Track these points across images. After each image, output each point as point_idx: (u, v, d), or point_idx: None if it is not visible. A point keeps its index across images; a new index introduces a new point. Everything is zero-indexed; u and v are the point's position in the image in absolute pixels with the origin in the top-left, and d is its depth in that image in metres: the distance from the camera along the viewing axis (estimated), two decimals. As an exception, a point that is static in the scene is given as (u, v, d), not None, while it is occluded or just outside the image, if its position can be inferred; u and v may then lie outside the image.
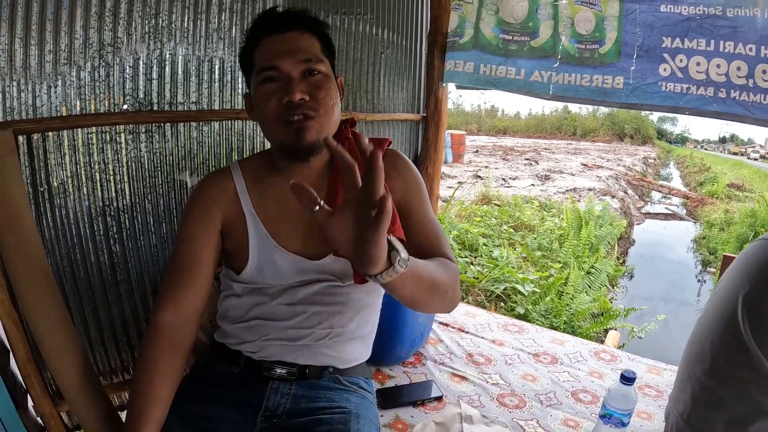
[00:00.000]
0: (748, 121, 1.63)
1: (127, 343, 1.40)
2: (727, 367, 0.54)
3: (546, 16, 1.91)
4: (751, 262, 0.54)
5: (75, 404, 1.14)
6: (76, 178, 1.22)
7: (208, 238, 0.99)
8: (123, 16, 1.22)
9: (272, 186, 1.00)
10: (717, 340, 0.55)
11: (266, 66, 0.90)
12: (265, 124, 0.95)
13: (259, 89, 0.92)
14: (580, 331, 3.16)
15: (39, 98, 1.14)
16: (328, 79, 0.94)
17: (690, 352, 0.60)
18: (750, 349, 0.51)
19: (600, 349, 1.74)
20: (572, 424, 1.31)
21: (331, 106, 0.93)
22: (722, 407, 0.54)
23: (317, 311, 1.00)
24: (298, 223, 0.99)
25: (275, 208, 0.99)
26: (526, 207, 6.40)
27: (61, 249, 1.23)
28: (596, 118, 38.50)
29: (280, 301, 0.99)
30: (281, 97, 0.89)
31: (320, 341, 1.01)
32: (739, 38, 1.56)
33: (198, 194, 1.01)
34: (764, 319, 0.50)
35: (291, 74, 0.90)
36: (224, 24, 1.39)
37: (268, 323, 0.99)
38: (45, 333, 1.09)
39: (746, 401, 0.52)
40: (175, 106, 1.34)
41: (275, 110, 0.90)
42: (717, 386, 0.54)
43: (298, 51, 0.90)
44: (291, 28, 0.92)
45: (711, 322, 0.57)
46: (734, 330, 0.53)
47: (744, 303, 0.52)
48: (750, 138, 51.67)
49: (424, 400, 1.33)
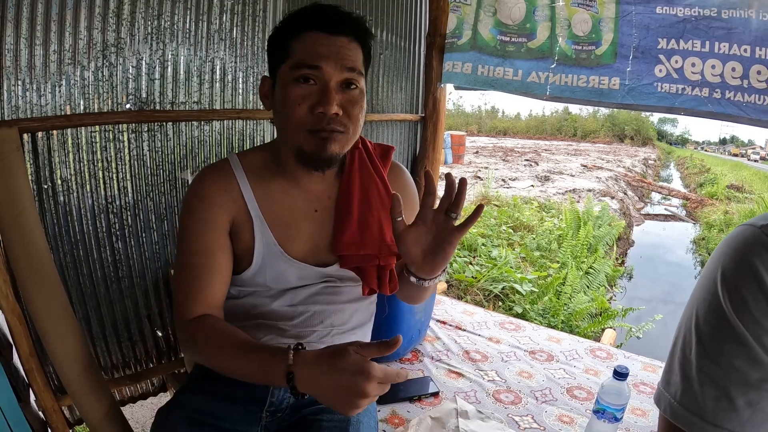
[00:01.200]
0: (743, 121, 1.65)
1: (128, 338, 1.42)
2: (714, 344, 0.56)
3: (543, 18, 1.93)
4: (729, 245, 0.57)
5: (78, 398, 1.17)
6: (79, 176, 1.25)
7: (221, 243, 0.93)
8: (126, 17, 1.24)
9: (278, 189, 0.95)
10: (702, 319, 0.58)
11: (308, 63, 0.83)
12: (287, 126, 0.88)
13: (290, 87, 0.84)
14: (578, 330, 3.18)
15: (43, 97, 1.17)
16: (363, 95, 0.89)
17: (678, 335, 0.62)
18: (732, 323, 0.54)
19: (596, 347, 1.76)
20: (567, 419, 1.32)
21: (359, 121, 0.89)
22: (712, 384, 0.56)
23: (318, 310, 1.00)
24: (303, 228, 0.96)
25: (282, 213, 0.95)
26: (525, 207, 6.41)
27: (65, 245, 1.25)
28: (596, 119, 38.49)
29: (281, 302, 0.99)
30: (314, 105, 0.83)
31: (323, 339, 1.01)
32: (734, 39, 1.57)
33: (200, 197, 0.93)
34: (742, 294, 0.53)
35: (331, 82, 0.83)
36: (225, 25, 1.42)
37: (271, 323, 0.99)
38: (48, 327, 1.12)
39: (733, 375, 0.54)
40: (177, 105, 1.37)
41: (303, 117, 0.84)
42: (706, 364, 0.56)
43: (345, 59, 0.84)
44: (343, 32, 0.85)
45: (696, 303, 0.59)
46: (717, 307, 0.55)
47: (722, 280, 0.55)
48: (750, 139, 51.69)
49: (420, 396, 1.35)
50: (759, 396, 0.53)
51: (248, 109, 1.52)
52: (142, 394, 1.53)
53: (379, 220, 0.98)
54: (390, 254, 0.98)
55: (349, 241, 0.95)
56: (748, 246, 0.54)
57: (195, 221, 0.92)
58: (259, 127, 1.56)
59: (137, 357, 1.46)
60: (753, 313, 0.52)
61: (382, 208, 0.99)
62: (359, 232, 0.96)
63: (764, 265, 0.52)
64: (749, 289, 0.53)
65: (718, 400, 0.54)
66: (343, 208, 0.97)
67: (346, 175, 0.99)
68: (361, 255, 0.96)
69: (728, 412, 0.54)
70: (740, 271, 0.54)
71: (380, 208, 0.99)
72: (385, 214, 0.99)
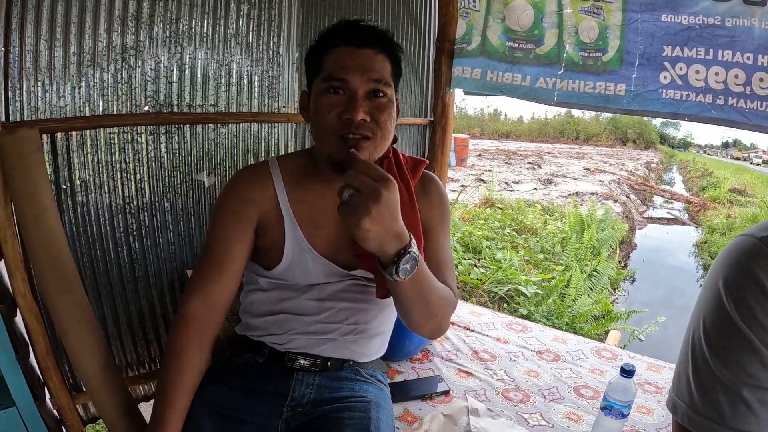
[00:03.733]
0: (746, 127, 1.66)
1: (143, 338, 1.44)
2: (725, 351, 0.58)
3: (551, 25, 1.95)
4: (731, 255, 0.59)
5: (96, 395, 1.18)
6: (97, 176, 1.27)
7: (241, 236, 0.99)
8: (145, 21, 1.27)
9: (312, 191, 1.01)
10: (711, 327, 0.59)
11: (335, 76, 0.89)
12: (319, 133, 0.93)
13: (321, 97, 0.90)
14: (582, 332, 3.20)
15: (63, 98, 1.19)
16: (391, 104, 0.93)
17: (688, 344, 0.64)
18: (741, 330, 0.56)
19: (601, 347, 1.78)
20: (574, 417, 1.35)
21: (389, 129, 0.93)
22: (726, 390, 0.57)
23: (344, 307, 1.04)
24: (333, 230, 1.01)
25: (313, 214, 1.00)
26: (528, 210, 6.42)
27: (82, 245, 1.28)
28: (599, 122, 38.47)
29: (309, 296, 1.02)
30: (342, 113, 0.88)
31: (346, 336, 1.05)
32: (737, 47, 1.59)
33: (234, 192, 1.00)
34: (748, 302, 0.55)
35: (357, 91, 0.89)
36: (242, 30, 1.44)
37: (296, 317, 1.02)
38: (68, 325, 1.13)
39: (746, 379, 0.56)
40: (194, 108, 1.40)
41: (333, 123, 0.89)
42: (719, 370, 0.57)
43: (370, 70, 0.89)
44: (367, 45, 0.91)
45: (703, 313, 0.61)
46: (725, 315, 0.57)
47: (726, 290, 0.57)
48: (753, 143, 51.60)
49: (432, 394, 1.37)
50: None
51: (263, 113, 1.55)
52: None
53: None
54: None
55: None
56: (750, 256, 0.57)
57: (223, 213, 0.99)
58: (274, 130, 1.59)
59: (152, 356, 1.48)
60: (759, 319, 0.55)
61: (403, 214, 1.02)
62: None
63: (765, 273, 0.55)
64: (754, 296, 0.55)
65: (734, 405, 0.57)
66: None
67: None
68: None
69: (746, 416, 0.56)
70: (744, 280, 0.57)
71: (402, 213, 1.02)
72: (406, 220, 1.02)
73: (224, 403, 0.97)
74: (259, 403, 0.98)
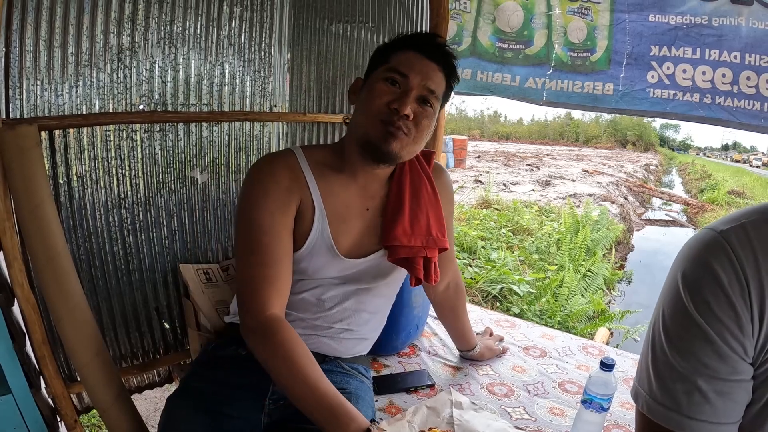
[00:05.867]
0: (733, 125, 1.69)
1: (136, 329, 1.48)
2: (682, 342, 0.59)
3: (540, 26, 1.98)
4: (690, 248, 0.60)
5: (89, 382, 1.22)
6: (94, 172, 1.31)
7: (289, 226, 0.99)
8: (140, 23, 1.31)
9: (337, 184, 1.04)
10: (669, 319, 0.61)
11: (399, 70, 0.96)
12: (362, 114, 0.98)
13: (378, 83, 0.97)
14: (575, 331, 3.23)
15: (61, 97, 1.23)
16: (433, 116, 1.01)
17: (649, 335, 0.66)
18: (697, 322, 0.57)
19: (588, 344, 1.81)
20: (558, 412, 1.37)
21: (423, 136, 1.00)
22: (683, 380, 0.59)
23: (341, 309, 1.09)
24: (354, 225, 1.06)
25: (339, 207, 1.04)
26: (525, 211, 6.46)
27: (78, 238, 1.31)
28: (599, 124, 38.49)
29: (309, 294, 1.07)
30: (392, 101, 0.94)
31: (333, 338, 1.10)
32: (724, 46, 1.61)
33: (273, 181, 0.98)
34: (703, 295, 0.56)
35: (413, 90, 0.96)
36: (234, 31, 1.48)
37: (290, 313, 1.05)
38: (63, 314, 1.17)
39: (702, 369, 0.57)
40: (188, 107, 1.43)
41: (380, 108, 0.95)
42: (676, 361, 0.59)
43: (429, 79, 0.97)
44: (436, 59, 0.99)
45: (663, 305, 0.63)
46: (682, 308, 0.58)
47: (684, 282, 0.58)
48: (753, 146, 51.55)
49: (417, 387, 1.40)
50: (729, 387, 0.57)
51: (255, 112, 1.58)
52: (149, 384, 1.59)
53: (427, 216, 1.09)
54: (435, 247, 1.09)
55: (401, 233, 1.05)
56: (708, 249, 0.58)
57: (264, 200, 0.97)
58: (265, 128, 1.62)
59: (145, 348, 1.51)
60: (715, 312, 0.56)
61: (429, 205, 1.11)
62: (410, 225, 1.06)
63: (722, 267, 0.56)
64: (710, 289, 0.57)
65: (689, 394, 0.58)
66: (395, 203, 1.07)
67: (397, 176, 1.09)
68: (409, 246, 1.06)
69: (701, 405, 0.58)
70: (701, 273, 0.58)
71: (428, 205, 1.10)
72: (432, 211, 1.11)
73: (208, 397, 0.99)
74: (242, 398, 1.00)
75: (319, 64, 1.74)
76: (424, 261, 1.08)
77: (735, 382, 0.57)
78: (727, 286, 0.56)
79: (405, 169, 1.10)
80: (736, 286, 0.56)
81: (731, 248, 0.56)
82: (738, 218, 0.60)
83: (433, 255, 1.10)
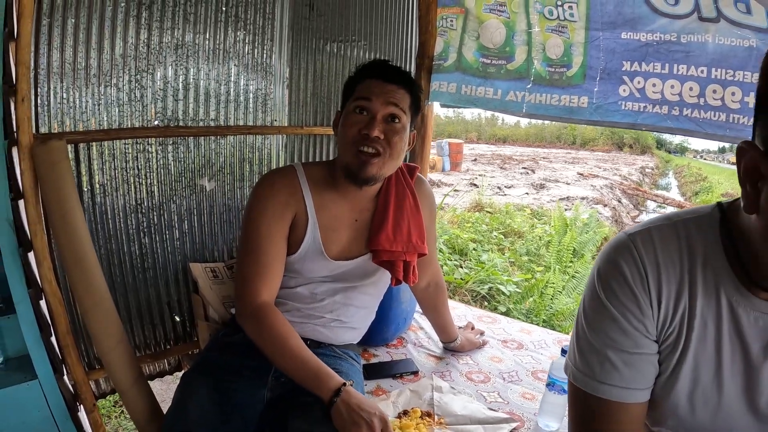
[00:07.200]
0: (699, 135, 1.78)
1: (150, 322, 1.63)
2: (595, 322, 0.73)
3: (521, 42, 2.11)
4: (606, 248, 0.74)
5: (111, 367, 1.36)
6: (114, 181, 1.46)
7: (284, 234, 1.18)
8: (155, 47, 1.46)
9: (330, 198, 1.22)
10: (587, 305, 0.74)
11: (362, 96, 1.13)
12: (342, 145, 1.16)
13: (349, 115, 1.14)
14: (560, 329, 3.37)
15: (84, 114, 1.37)
16: (404, 130, 1.16)
17: (576, 319, 0.81)
18: (606, 306, 0.71)
19: (564, 338, 1.95)
20: (529, 396, 1.52)
21: (398, 151, 1.15)
22: (596, 351, 0.74)
23: (334, 301, 1.25)
24: (343, 234, 1.23)
25: (330, 219, 1.21)
26: (517, 214, 6.57)
27: (100, 239, 1.46)
28: (596, 128, 38.55)
29: (304, 288, 1.23)
30: (362, 128, 1.11)
31: (326, 326, 1.26)
32: (692, 61, 1.71)
33: (273, 196, 1.17)
34: (611, 285, 0.70)
35: (377, 113, 1.11)
36: (239, 53, 1.64)
37: (287, 303, 1.23)
38: (89, 306, 1.31)
39: (610, 343, 0.70)
40: (197, 122, 1.59)
41: (354, 136, 1.12)
42: (592, 336, 0.73)
43: (391, 97, 1.12)
44: (393, 81, 1.15)
45: (584, 294, 0.78)
46: (595, 295, 0.71)
47: (597, 276, 0.73)
48: (749, 149, 51.42)
49: (402, 374, 1.55)
50: (633, 359, 0.72)
51: (258, 126, 1.74)
52: (160, 372, 1.73)
53: (408, 225, 1.26)
54: (414, 252, 1.26)
55: (384, 239, 1.22)
56: (617, 249, 0.73)
57: (267, 216, 1.16)
58: (267, 141, 1.78)
59: (157, 339, 1.66)
60: (619, 297, 0.71)
61: (411, 216, 1.28)
62: (393, 232, 1.23)
63: (626, 262, 0.71)
64: (617, 281, 0.71)
65: (602, 364, 0.73)
66: (380, 215, 1.24)
67: (384, 191, 1.26)
68: (391, 251, 1.23)
69: (611, 372, 0.72)
70: (610, 268, 0.72)
71: (410, 215, 1.28)
72: (413, 221, 1.28)
73: (219, 376, 1.13)
74: (248, 376, 1.14)
75: (315, 81, 1.90)
76: (404, 264, 1.26)
77: (638, 354, 0.72)
78: (629, 277, 0.71)
79: (391, 183, 1.27)
80: (637, 277, 0.70)
81: (635, 248, 0.71)
82: (647, 224, 0.74)
83: (412, 259, 1.27)
